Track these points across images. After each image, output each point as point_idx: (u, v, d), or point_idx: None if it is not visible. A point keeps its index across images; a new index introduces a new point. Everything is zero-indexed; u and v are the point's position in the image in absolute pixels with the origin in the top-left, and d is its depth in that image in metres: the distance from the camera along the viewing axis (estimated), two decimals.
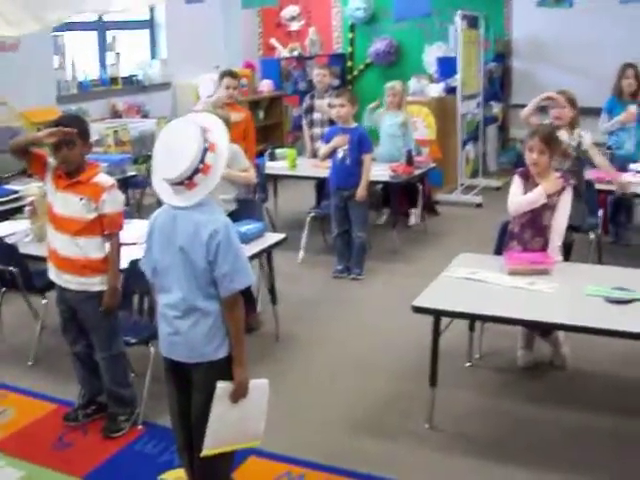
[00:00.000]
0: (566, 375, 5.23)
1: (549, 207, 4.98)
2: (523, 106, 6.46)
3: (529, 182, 5.04)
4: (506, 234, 5.21)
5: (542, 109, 6.39)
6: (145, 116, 10.42)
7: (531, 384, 5.14)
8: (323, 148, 7.25)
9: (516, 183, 5.10)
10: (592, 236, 6.72)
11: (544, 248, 4.97)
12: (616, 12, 10.23)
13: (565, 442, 4.44)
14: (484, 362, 5.41)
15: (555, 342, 5.29)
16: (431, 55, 11.52)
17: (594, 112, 7.96)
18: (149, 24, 11.26)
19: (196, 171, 3.34)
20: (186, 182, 3.35)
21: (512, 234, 5.12)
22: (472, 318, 4.90)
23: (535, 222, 5.01)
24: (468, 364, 5.36)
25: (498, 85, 11.59)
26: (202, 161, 3.34)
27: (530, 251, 4.95)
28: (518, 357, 5.33)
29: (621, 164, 7.55)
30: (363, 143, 7.07)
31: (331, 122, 7.86)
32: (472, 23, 10.54)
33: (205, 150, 3.36)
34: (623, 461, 4.24)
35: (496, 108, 11.43)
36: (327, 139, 7.26)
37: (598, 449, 4.36)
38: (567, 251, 5.43)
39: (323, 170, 7.47)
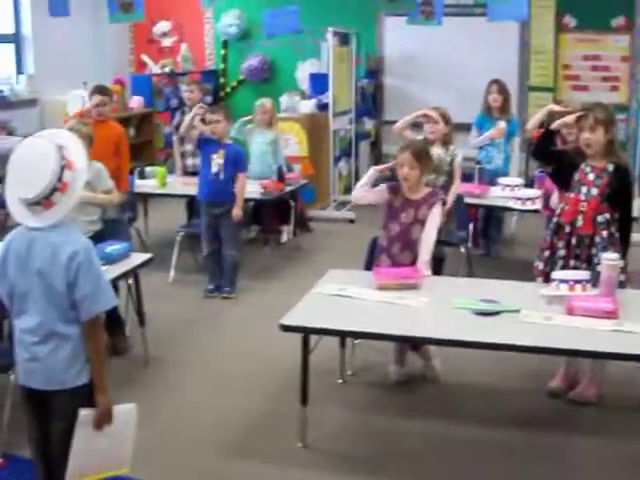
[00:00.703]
0: (438, 388, 5.26)
1: (418, 221, 5.01)
2: (395, 122, 6.53)
3: (397, 196, 5.07)
4: (376, 249, 5.22)
5: (416, 125, 6.47)
6: (11, 133, 10.04)
7: (403, 398, 5.14)
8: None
9: (380, 191, 5.13)
10: (463, 250, 6.80)
11: (413, 262, 4.98)
12: (484, 30, 10.45)
13: (437, 454, 4.46)
14: (356, 378, 5.39)
15: (426, 355, 5.32)
16: (304, 72, 11.55)
17: (463, 128, 8.11)
18: (14, 37, 10.93)
19: (54, 190, 3.20)
20: (43, 201, 3.22)
21: (381, 248, 5.13)
22: (340, 335, 4.87)
23: (404, 236, 5.02)
24: (340, 381, 5.32)
25: (371, 101, 11.69)
26: (60, 179, 3.21)
27: (399, 265, 4.96)
28: (390, 372, 5.33)
29: (490, 178, 7.72)
30: (238, 161, 7.00)
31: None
32: (343, 40, 10.64)
33: (62, 168, 3.23)
34: (494, 469, 4.29)
35: (369, 124, 11.53)
36: (200, 148, 7.19)
37: (470, 459, 4.40)
38: (438, 265, 5.48)
39: (193, 187, 7.35)
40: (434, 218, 5.04)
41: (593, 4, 11.22)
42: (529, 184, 7.64)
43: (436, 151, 6.11)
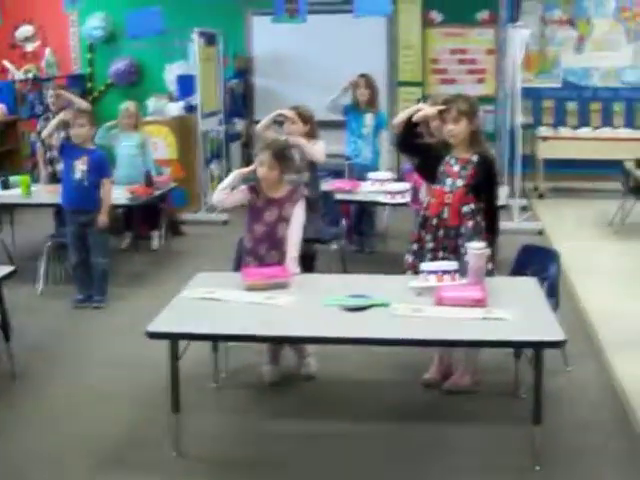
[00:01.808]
0: (313, 386, 5.20)
1: (283, 219, 4.96)
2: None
3: (259, 196, 5.00)
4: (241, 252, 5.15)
5: (281, 124, 6.41)
6: None
7: (279, 398, 5.07)
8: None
9: (241, 192, 5.06)
10: (335, 246, 6.77)
11: (281, 262, 4.92)
12: (351, 26, 10.49)
13: (314, 453, 4.39)
14: (231, 381, 5.28)
15: (301, 353, 5.26)
16: (172, 74, 11.40)
17: (334, 125, 8.10)
18: None
19: None
20: None
21: (247, 250, 5.05)
22: (208, 339, 4.75)
23: (269, 236, 4.97)
24: (214, 385, 5.21)
25: (241, 102, 11.62)
26: None
27: (267, 265, 4.89)
28: (264, 373, 5.24)
29: (359, 173, 7.72)
30: (102, 167, 6.82)
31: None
32: (210, 40, 10.53)
33: None
34: (374, 464, 4.27)
35: (239, 125, 11.46)
36: (62, 154, 6.97)
37: (348, 455, 4.35)
38: (309, 263, 5.43)
39: (59, 195, 7.10)
40: (298, 215, 5.01)
41: None
42: (400, 178, 7.67)
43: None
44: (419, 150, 5.10)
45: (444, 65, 11.92)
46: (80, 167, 6.72)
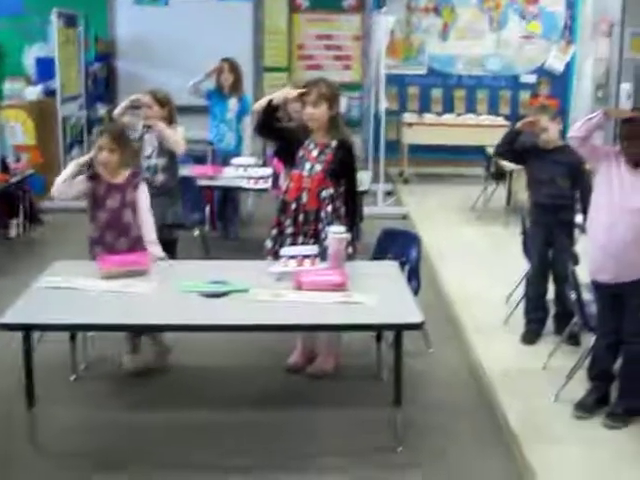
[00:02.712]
0: (176, 374, 5.11)
1: (126, 205, 4.86)
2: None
3: (100, 183, 4.87)
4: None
5: (138, 109, 6.27)
6: None
7: (140, 388, 4.95)
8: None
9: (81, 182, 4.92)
10: (197, 232, 6.67)
11: (131, 248, 4.81)
12: (217, 10, 10.38)
13: (177, 442, 4.32)
14: (91, 372, 5.14)
15: (155, 340, 5.15)
16: (31, 56, 11.02)
17: (196, 110, 8.00)
18: None
19: None
20: None
21: (94, 240, 4.92)
22: (63, 329, 4.58)
23: (114, 222, 4.86)
24: (73, 377, 5.05)
25: (103, 86, 11.35)
26: None
27: (118, 253, 4.76)
28: (124, 362, 5.12)
29: (223, 158, 7.64)
30: None
31: None
32: (71, 22, 10.23)
33: None
34: (241, 450, 4.25)
35: (102, 110, 11.17)
36: None
37: (216, 443, 4.32)
38: (170, 248, 5.33)
39: None
40: (143, 198, 4.92)
41: None
42: (264, 164, 7.63)
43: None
44: (278, 134, 5.05)
45: (311, 51, 11.93)
46: None
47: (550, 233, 5.34)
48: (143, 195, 4.93)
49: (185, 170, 6.74)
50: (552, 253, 5.37)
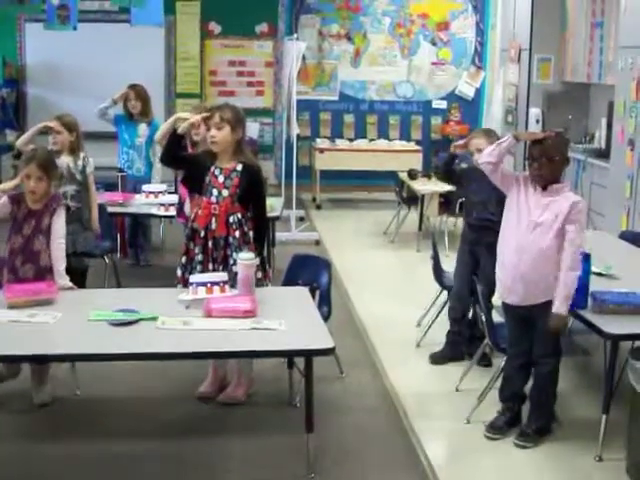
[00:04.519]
0: (82, 406, 4.99)
1: (40, 231, 4.79)
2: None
3: (20, 207, 4.80)
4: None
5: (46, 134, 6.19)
6: None
7: (46, 420, 4.83)
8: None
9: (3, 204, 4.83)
10: (108, 260, 6.58)
11: (37, 276, 4.74)
12: (129, 36, 10.31)
13: (86, 476, 4.23)
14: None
15: (40, 378, 5.01)
16: None
17: (105, 136, 7.93)
18: None
19: None
20: None
21: (3, 262, 4.83)
22: None
23: (26, 248, 4.78)
24: None
25: (12, 112, 11.16)
26: None
27: (23, 280, 4.68)
28: (33, 394, 4.99)
29: (133, 185, 7.56)
30: None
31: None
32: None
33: None
34: None
35: (11, 136, 10.97)
36: None
37: (125, 476, 4.24)
38: (80, 278, 5.25)
39: None
40: (58, 226, 4.85)
41: (237, 11, 11.45)
42: (176, 190, 7.55)
43: (64, 160, 5.88)
44: (184, 162, 5.02)
45: (223, 77, 11.92)
46: None
47: (476, 255, 5.40)
48: (59, 222, 4.85)
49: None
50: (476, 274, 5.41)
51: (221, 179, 4.78)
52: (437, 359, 5.54)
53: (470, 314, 5.53)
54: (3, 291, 4.53)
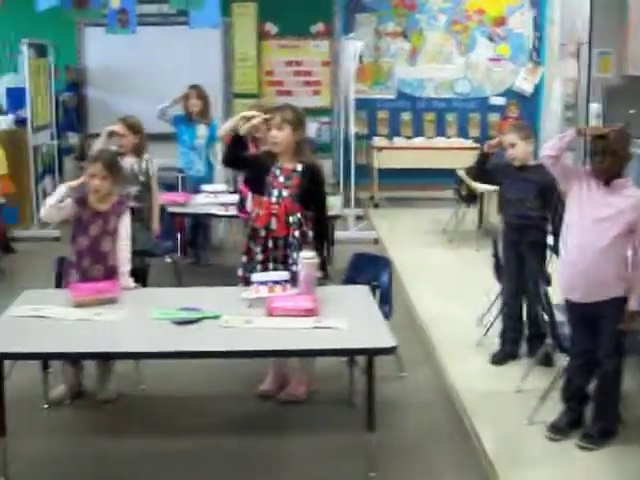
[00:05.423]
0: (147, 403, 5.09)
1: (107, 232, 4.87)
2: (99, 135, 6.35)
3: (85, 208, 4.89)
4: (64, 266, 5.03)
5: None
6: None
7: (113, 417, 4.93)
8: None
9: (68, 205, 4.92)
10: (169, 260, 6.66)
11: (106, 276, 4.82)
12: (187, 38, 10.43)
13: (153, 471, 4.31)
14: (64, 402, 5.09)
15: (104, 375, 5.10)
16: (2, 86, 11.00)
17: (165, 137, 8.01)
18: None
19: None
20: None
21: (71, 263, 4.92)
22: (35, 358, 4.58)
23: (94, 249, 4.87)
24: (46, 406, 5.02)
25: (74, 115, 11.33)
26: None
27: (91, 280, 4.76)
28: (97, 392, 5.07)
29: (193, 185, 7.64)
30: None
31: None
32: (41, 52, 10.23)
33: None
34: (208, 478, 4.25)
35: (73, 139, 11.17)
36: None
37: (189, 472, 4.29)
38: (141, 277, 5.32)
39: None
40: (124, 227, 4.95)
41: (293, 11, 11.48)
42: (236, 190, 7.62)
43: (128, 161, 5.98)
44: (245, 164, 5.07)
45: (280, 77, 11.98)
46: None
47: (521, 253, 5.36)
48: (125, 224, 4.96)
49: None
50: (524, 274, 5.37)
51: (281, 179, 4.82)
52: (497, 359, 5.51)
53: (528, 313, 5.49)
54: (70, 290, 4.62)
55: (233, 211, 6.80)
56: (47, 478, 4.30)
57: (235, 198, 6.86)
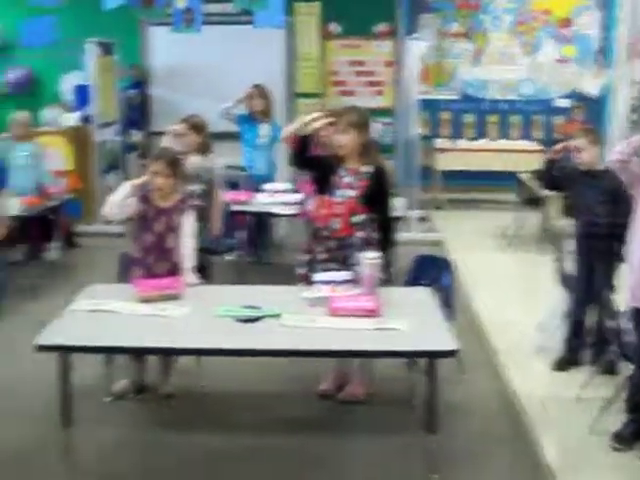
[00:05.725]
0: (207, 399, 5.14)
1: (171, 229, 4.92)
2: (163, 133, 6.42)
3: (149, 206, 4.94)
4: (127, 262, 5.09)
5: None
6: None
7: (175, 411, 5.00)
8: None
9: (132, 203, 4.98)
10: (231, 257, 6.71)
11: (170, 272, 4.87)
12: (250, 38, 10.48)
13: (212, 466, 4.36)
14: (126, 395, 5.16)
15: (166, 370, 5.19)
16: (68, 84, 11.18)
17: (227, 136, 8.05)
18: None
19: None
20: None
21: (135, 260, 4.98)
22: (97, 351, 4.61)
23: (158, 245, 4.92)
24: (109, 398, 5.09)
25: (138, 112, 11.46)
26: None
27: (156, 276, 4.81)
28: (159, 386, 5.15)
29: (256, 185, 7.68)
30: None
31: None
32: (107, 50, 10.37)
33: None
34: (273, 477, 4.28)
35: (136, 136, 11.29)
36: None
37: (247, 469, 4.33)
38: (204, 273, 5.36)
39: None
40: (188, 225, 5.00)
41: (356, 12, 11.46)
42: (297, 189, 7.64)
43: (192, 160, 6.03)
44: (312, 164, 5.06)
45: (343, 77, 11.97)
46: None
47: (591, 261, 5.29)
48: (189, 221, 5.01)
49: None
50: (593, 282, 5.29)
51: (347, 180, 4.82)
52: (559, 365, 5.45)
53: (595, 320, 5.41)
54: (134, 285, 4.68)
55: (294, 210, 6.82)
56: (112, 468, 4.37)
57: (296, 197, 6.88)
